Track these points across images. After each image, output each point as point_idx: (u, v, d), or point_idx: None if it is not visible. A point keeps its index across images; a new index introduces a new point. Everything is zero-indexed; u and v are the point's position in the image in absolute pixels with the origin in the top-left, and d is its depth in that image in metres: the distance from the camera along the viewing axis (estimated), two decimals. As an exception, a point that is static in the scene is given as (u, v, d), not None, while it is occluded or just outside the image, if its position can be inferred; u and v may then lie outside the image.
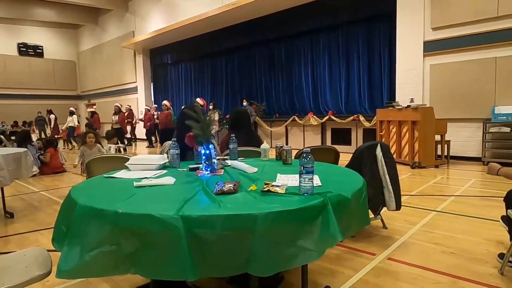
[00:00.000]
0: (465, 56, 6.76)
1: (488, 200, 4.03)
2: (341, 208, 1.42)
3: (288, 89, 10.74)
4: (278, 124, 10.69)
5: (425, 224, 3.24)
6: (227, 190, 1.51)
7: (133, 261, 1.24)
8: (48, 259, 1.53)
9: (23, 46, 18.68)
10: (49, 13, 16.61)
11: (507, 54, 6.29)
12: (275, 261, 1.24)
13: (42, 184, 5.98)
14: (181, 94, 14.69)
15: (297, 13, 9.73)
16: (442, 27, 6.96)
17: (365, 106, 8.98)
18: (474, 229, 3.09)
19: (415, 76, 7.41)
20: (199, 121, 2.03)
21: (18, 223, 3.73)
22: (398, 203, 2.93)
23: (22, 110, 17.47)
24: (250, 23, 10.95)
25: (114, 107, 11.63)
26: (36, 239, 3.23)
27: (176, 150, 2.29)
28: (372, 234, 2.99)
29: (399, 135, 6.76)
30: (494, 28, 6.38)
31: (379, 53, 8.62)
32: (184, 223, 1.19)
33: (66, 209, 1.55)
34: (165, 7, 13.43)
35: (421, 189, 4.68)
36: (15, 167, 3.75)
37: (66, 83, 20.16)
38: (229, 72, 12.65)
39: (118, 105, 11.77)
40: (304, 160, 1.45)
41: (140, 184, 1.73)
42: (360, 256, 2.56)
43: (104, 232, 1.27)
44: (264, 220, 1.21)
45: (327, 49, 9.66)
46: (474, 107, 6.66)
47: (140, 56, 15.68)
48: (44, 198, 4.89)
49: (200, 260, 1.20)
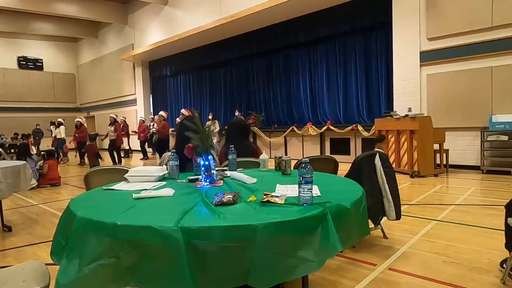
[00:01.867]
0: (461, 66, 6.83)
1: (488, 208, 4.02)
2: (340, 218, 1.41)
3: (287, 99, 10.80)
4: (277, 134, 10.72)
5: (426, 233, 3.23)
6: (226, 201, 1.50)
7: (132, 273, 1.23)
8: (46, 272, 1.52)
9: (23, 59, 18.79)
10: (49, 27, 16.77)
11: (502, 64, 6.36)
12: (275, 272, 1.23)
13: (40, 196, 5.95)
14: (180, 106, 14.72)
15: (294, 25, 9.86)
16: (438, 37, 7.05)
17: (363, 115, 9.02)
18: (475, 238, 3.08)
19: (412, 85, 7.47)
20: (198, 132, 2.04)
21: (16, 237, 3.70)
22: (398, 212, 2.92)
23: (21, 122, 17.46)
24: (248, 35, 11.07)
25: (110, 117, 11.50)
26: (34, 252, 3.20)
27: (175, 161, 2.29)
28: (372, 244, 2.97)
29: (397, 145, 6.78)
30: (489, 38, 6.46)
31: (376, 63, 8.71)
32: (183, 235, 1.19)
33: (64, 221, 1.54)
34: (164, 20, 13.59)
35: (421, 198, 4.67)
36: (14, 180, 3.74)
37: (65, 95, 20.23)
38: (227, 83, 12.73)
39: (113, 115, 11.64)
40: (303, 170, 1.45)
41: (139, 196, 1.72)
42: (361, 267, 2.54)
43: (103, 244, 1.26)
44: (264, 231, 1.21)
45: (325, 60, 9.75)
46: (472, 116, 6.70)
47: (139, 68, 15.80)
48: (42, 211, 4.86)
49: (200, 272, 1.19)
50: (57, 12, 14.09)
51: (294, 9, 9.15)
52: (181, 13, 12.71)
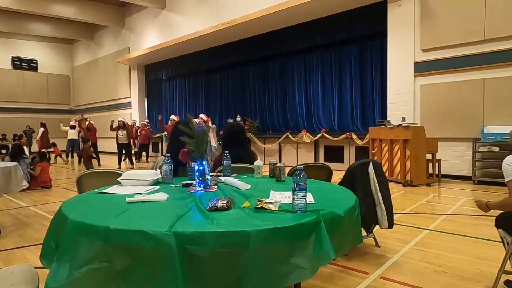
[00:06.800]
0: (454, 77, 6.93)
1: (479, 219, 4.05)
2: (334, 225, 1.42)
3: (282, 106, 10.85)
4: (272, 141, 10.73)
5: (418, 242, 3.24)
6: (220, 207, 1.50)
7: (124, 278, 1.21)
8: (35, 276, 1.49)
9: (17, 59, 18.64)
10: (45, 28, 16.70)
11: (494, 76, 6.47)
12: (268, 279, 1.23)
13: (31, 199, 5.87)
14: (175, 110, 14.70)
15: (291, 32, 9.93)
16: (432, 49, 7.16)
17: (358, 124, 9.08)
18: (466, 247, 3.10)
19: (406, 95, 7.55)
20: (193, 137, 2.04)
21: (5, 239, 3.64)
22: (391, 221, 2.94)
23: (11, 123, 17.23)
24: (245, 41, 11.12)
25: (118, 122, 11.23)
26: (24, 255, 3.15)
27: (169, 166, 2.28)
28: (365, 253, 2.98)
29: (391, 154, 6.82)
30: (482, 50, 6.57)
31: (371, 72, 8.80)
32: (176, 240, 1.18)
33: (56, 224, 1.53)
34: (161, 24, 13.61)
35: (413, 208, 4.70)
36: (4, 181, 3.69)
37: (60, 97, 20.07)
38: (223, 88, 12.75)
39: (122, 119, 11.44)
40: (297, 177, 1.46)
41: (133, 199, 1.71)
42: (353, 275, 2.54)
43: (94, 248, 1.25)
44: (257, 237, 1.21)
45: (320, 68, 9.82)
46: (464, 127, 6.79)
47: (135, 71, 15.76)
48: (33, 214, 4.80)
49: (193, 277, 1.18)
50: (53, 13, 14.05)
51: (291, 17, 9.24)
52: (179, 18, 12.74)
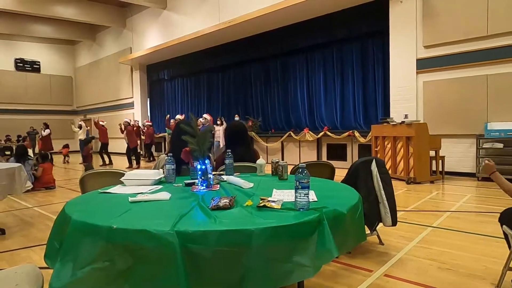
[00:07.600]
0: (457, 74, 6.89)
1: (484, 215, 4.03)
2: (337, 223, 1.41)
3: (284, 105, 10.83)
4: (274, 139, 10.72)
5: (422, 240, 3.23)
6: (222, 206, 1.50)
7: (127, 277, 1.22)
8: (39, 276, 1.50)
9: (20, 61, 18.73)
10: (47, 29, 16.76)
11: (498, 72, 6.42)
12: (271, 278, 1.22)
13: (35, 199, 5.90)
14: (178, 110, 14.73)
15: (292, 31, 9.91)
16: (434, 45, 7.12)
17: (360, 122, 9.06)
18: (470, 245, 3.08)
19: (409, 92, 7.51)
20: (195, 136, 2.04)
21: (9, 240, 3.66)
22: (394, 218, 2.93)
23: (15, 124, 17.32)
24: (246, 40, 11.11)
25: (124, 123, 11.28)
26: (28, 255, 3.17)
27: (172, 165, 2.28)
28: (368, 250, 2.97)
29: (394, 151, 6.80)
30: (485, 46, 6.53)
31: (373, 69, 8.76)
32: (179, 239, 1.18)
33: (59, 224, 1.53)
34: (163, 24, 13.62)
35: (417, 205, 4.68)
36: (9, 183, 3.71)
37: (62, 98, 20.16)
38: (225, 88, 12.75)
39: (127, 120, 11.46)
40: (300, 175, 1.45)
41: (135, 199, 1.72)
42: (357, 273, 2.54)
43: (97, 248, 1.25)
44: (260, 236, 1.21)
45: (322, 66, 9.80)
46: (467, 123, 6.75)
47: (137, 71, 15.79)
48: (37, 214, 4.82)
49: (195, 276, 1.18)
50: (55, 14, 14.09)
51: (293, 16, 9.22)
52: (180, 18, 12.75)
